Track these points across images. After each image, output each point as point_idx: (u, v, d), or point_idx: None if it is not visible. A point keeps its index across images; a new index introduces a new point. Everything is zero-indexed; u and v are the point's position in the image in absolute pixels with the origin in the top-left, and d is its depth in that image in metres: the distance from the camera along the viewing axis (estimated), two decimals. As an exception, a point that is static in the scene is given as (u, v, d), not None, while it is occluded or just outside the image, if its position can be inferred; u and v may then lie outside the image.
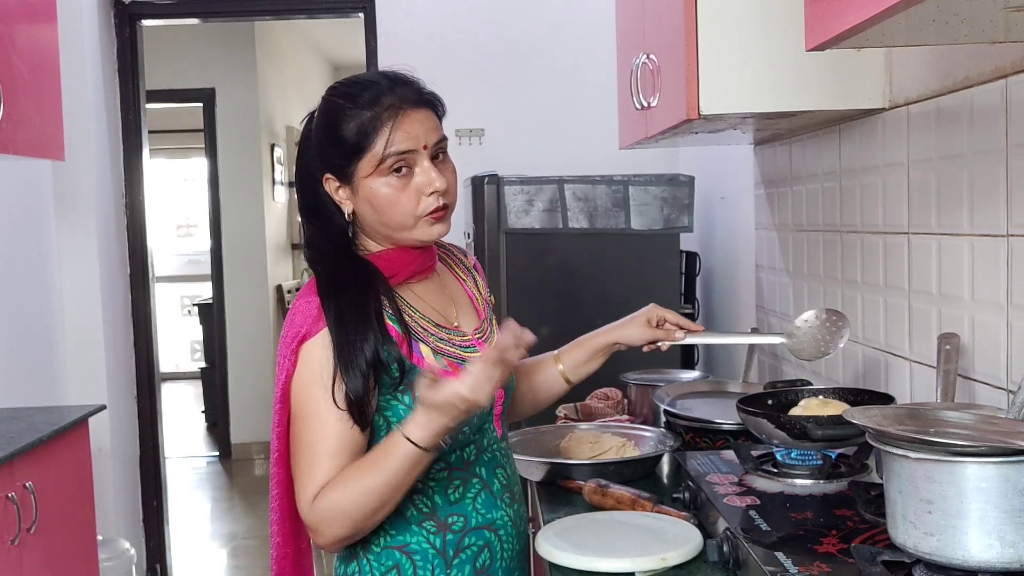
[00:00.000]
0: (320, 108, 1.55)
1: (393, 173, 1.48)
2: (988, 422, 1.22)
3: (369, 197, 1.49)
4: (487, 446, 1.58)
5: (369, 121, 1.47)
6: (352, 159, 1.48)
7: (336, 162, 1.50)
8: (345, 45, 7.45)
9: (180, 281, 9.47)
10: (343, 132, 1.48)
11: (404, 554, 1.50)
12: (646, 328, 1.74)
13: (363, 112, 1.48)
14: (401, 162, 1.48)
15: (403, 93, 1.49)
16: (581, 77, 3.95)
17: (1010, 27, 1.18)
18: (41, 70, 2.91)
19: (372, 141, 1.47)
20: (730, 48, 1.81)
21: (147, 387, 4.26)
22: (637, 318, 1.76)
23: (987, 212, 1.53)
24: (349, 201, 1.52)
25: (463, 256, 1.74)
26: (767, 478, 1.63)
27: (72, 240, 3.84)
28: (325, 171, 1.52)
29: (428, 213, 1.50)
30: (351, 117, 1.48)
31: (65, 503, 2.90)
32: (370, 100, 1.48)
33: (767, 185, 2.68)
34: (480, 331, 1.63)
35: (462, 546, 1.51)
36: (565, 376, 1.79)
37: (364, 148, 1.47)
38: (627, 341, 1.76)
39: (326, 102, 1.54)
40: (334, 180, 1.52)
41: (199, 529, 5.46)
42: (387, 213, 1.50)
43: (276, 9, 4.34)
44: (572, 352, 1.80)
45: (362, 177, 1.49)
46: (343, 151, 1.49)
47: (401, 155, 1.47)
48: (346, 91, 1.52)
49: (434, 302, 1.59)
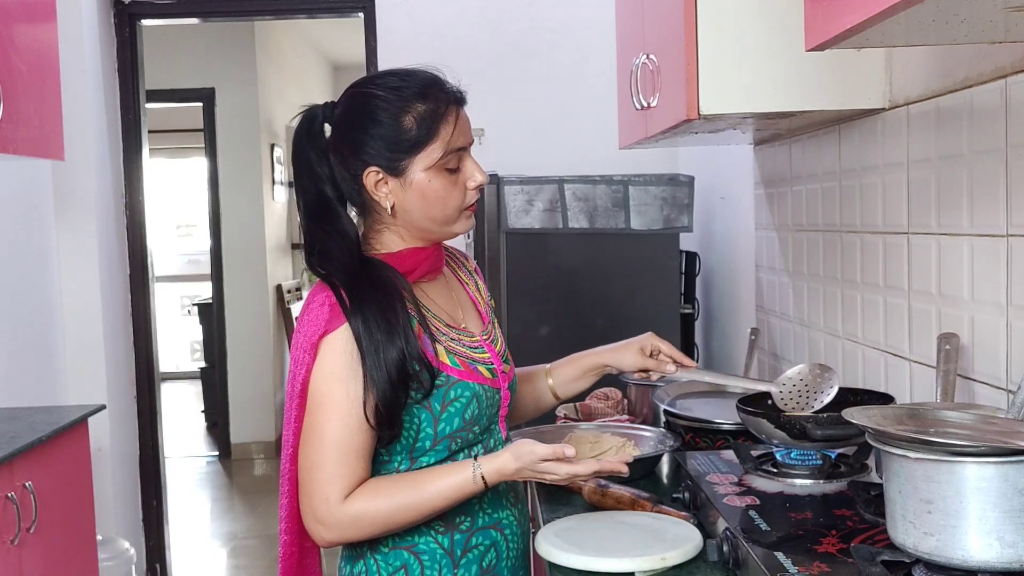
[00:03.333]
0: (353, 104, 1.52)
1: (445, 169, 1.50)
2: (988, 422, 1.22)
3: (424, 190, 1.50)
4: (494, 446, 1.58)
5: (431, 114, 1.49)
6: (412, 151, 1.48)
7: (386, 155, 1.49)
8: (345, 45, 7.45)
9: (180, 281, 9.46)
10: (400, 125, 1.48)
11: (412, 554, 1.50)
12: (639, 356, 1.73)
13: (419, 105, 1.48)
14: (456, 159, 1.51)
15: (450, 88, 1.53)
16: (581, 77, 3.95)
17: (1010, 27, 1.18)
18: (41, 70, 2.91)
19: (436, 134, 1.49)
20: (730, 48, 1.81)
21: (147, 387, 4.26)
22: (632, 344, 1.75)
23: (987, 212, 1.53)
24: (392, 196, 1.51)
25: (464, 260, 1.75)
26: (767, 478, 1.63)
27: (72, 240, 3.84)
28: (368, 165, 1.50)
29: (469, 206, 1.54)
30: (405, 110, 1.48)
31: (65, 503, 2.90)
32: (420, 92, 1.49)
33: (767, 185, 2.68)
34: (486, 333, 1.64)
35: (469, 546, 1.52)
36: (554, 391, 1.79)
37: (426, 141, 1.48)
38: (619, 366, 1.76)
39: (363, 95, 1.51)
40: (379, 173, 1.50)
41: (199, 529, 5.46)
42: (438, 206, 1.51)
43: (276, 9, 4.33)
44: (563, 368, 1.80)
45: (419, 170, 1.49)
46: (400, 143, 1.48)
47: (459, 150, 1.51)
48: (387, 83, 1.51)
49: (444, 303, 1.60)
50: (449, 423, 1.49)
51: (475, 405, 1.51)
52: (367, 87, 1.53)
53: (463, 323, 1.61)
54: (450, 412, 1.49)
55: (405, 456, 1.51)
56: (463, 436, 1.51)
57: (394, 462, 1.51)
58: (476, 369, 1.54)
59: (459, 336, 1.56)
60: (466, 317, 1.63)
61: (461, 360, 1.52)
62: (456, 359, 1.52)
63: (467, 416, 1.50)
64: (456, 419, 1.49)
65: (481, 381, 1.53)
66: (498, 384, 1.58)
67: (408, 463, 1.51)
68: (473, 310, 1.67)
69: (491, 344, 1.62)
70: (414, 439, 1.49)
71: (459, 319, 1.61)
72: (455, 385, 1.49)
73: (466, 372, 1.52)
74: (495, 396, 1.57)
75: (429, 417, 1.48)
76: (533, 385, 1.80)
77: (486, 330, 1.65)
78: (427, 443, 1.49)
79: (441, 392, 1.48)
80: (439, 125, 1.49)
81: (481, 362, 1.56)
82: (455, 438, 1.50)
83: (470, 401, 1.50)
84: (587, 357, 1.79)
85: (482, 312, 1.68)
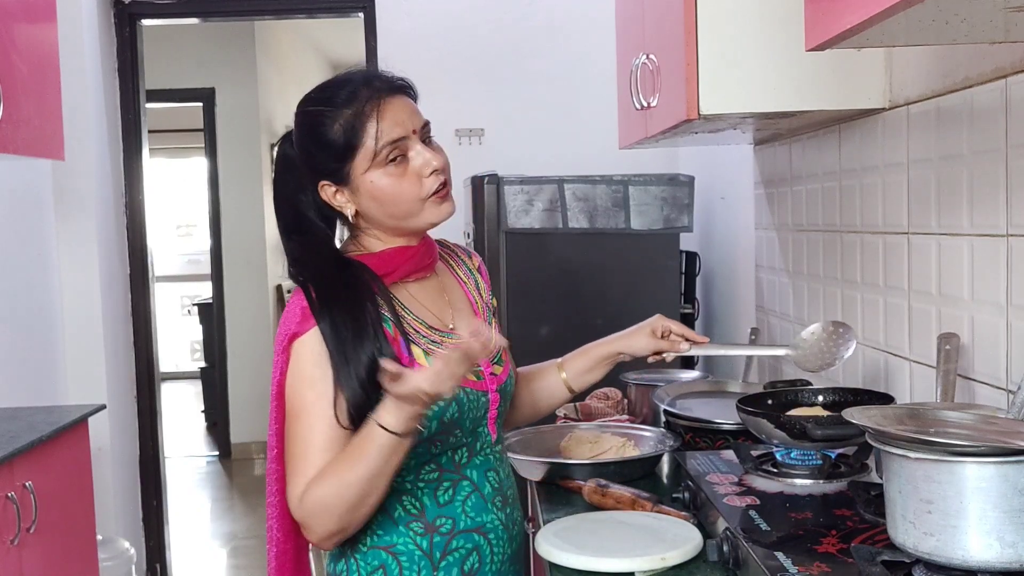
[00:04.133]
0: (297, 122, 1.55)
1: (390, 163, 1.49)
2: (988, 422, 1.22)
3: (371, 191, 1.50)
4: (480, 449, 1.57)
5: (353, 117, 1.48)
6: (346, 159, 1.49)
7: (330, 166, 1.50)
8: (345, 45, 7.43)
9: (180, 281, 9.46)
10: (330, 136, 1.48)
11: (390, 554, 1.49)
12: (651, 338, 1.72)
13: (344, 111, 1.48)
14: (395, 150, 1.49)
15: (377, 84, 1.51)
16: (581, 77, 3.94)
17: (1010, 27, 1.18)
18: (41, 70, 2.91)
19: (362, 136, 1.48)
20: (730, 48, 1.81)
21: (147, 387, 4.26)
22: (642, 328, 1.74)
23: (987, 212, 1.53)
24: (350, 203, 1.52)
25: (467, 258, 1.74)
26: (767, 478, 1.63)
27: (72, 240, 3.83)
28: (319, 179, 1.52)
29: (432, 194, 1.51)
30: (333, 119, 1.48)
31: (65, 503, 2.90)
32: (347, 98, 1.49)
33: (767, 185, 2.68)
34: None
35: (450, 548, 1.51)
36: (568, 385, 1.77)
37: (356, 145, 1.48)
38: (631, 351, 1.74)
39: (302, 114, 1.54)
40: (331, 185, 1.52)
41: (199, 529, 5.46)
42: (392, 203, 1.50)
43: (276, 9, 4.33)
44: (576, 360, 1.78)
45: (360, 174, 1.49)
46: (335, 153, 1.49)
47: (394, 143, 1.49)
48: (320, 96, 1.52)
49: (430, 303, 1.58)
50: (427, 426, 1.47)
51: (455, 408, 1.49)
52: (304, 105, 1.55)
53: (451, 324, 1.59)
54: (427, 416, 1.46)
55: None
56: (442, 439, 1.50)
57: None
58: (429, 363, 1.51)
59: (442, 338, 1.54)
60: (456, 317, 1.61)
61: None
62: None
63: (446, 419, 1.48)
64: (434, 422, 1.47)
65: (462, 384, 1.49)
66: (484, 387, 1.55)
67: None
68: (468, 310, 1.65)
69: None
70: None
71: (447, 320, 1.59)
72: None
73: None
74: (481, 398, 1.55)
75: None
76: (545, 380, 1.78)
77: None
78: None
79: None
80: (363, 124, 1.47)
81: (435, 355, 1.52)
82: (434, 441, 1.49)
83: (448, 404, 1.48)
84: (599, 347, 1.77)
85: (478, 312, 1.67)
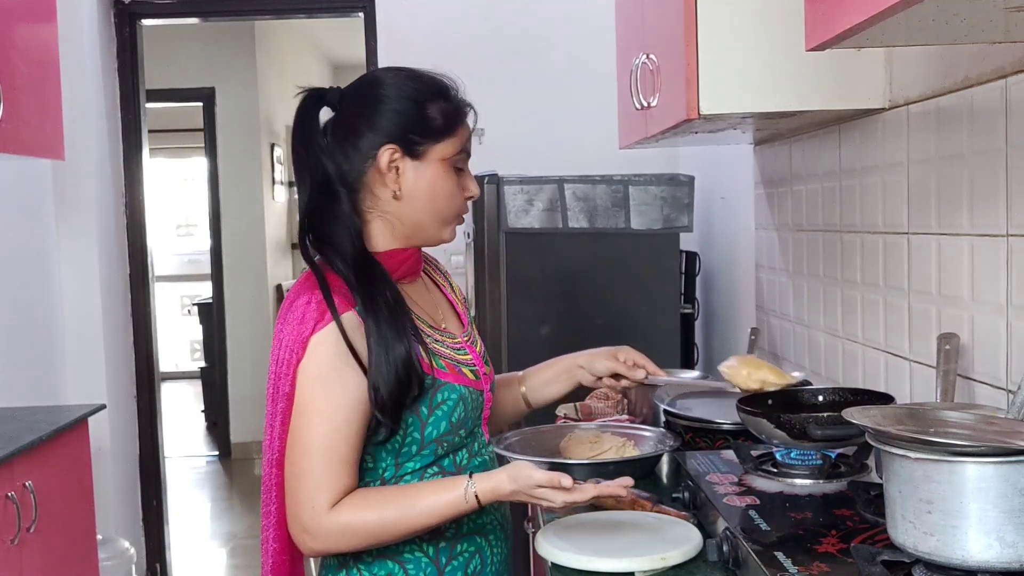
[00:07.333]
0: (368, 86, 1.54)
1: (455, 167, 1.53)
2: (988, 422, 1.22)
3: (436, 179, 1.51)
4: (478, 450, 1.57)
5: (453, 110, 1.52)
6: (434, 138, 1.50)
7: (412, 136, 1.49)
8: (345, 45, 7.44)
9: (180, 281, 9.46)
10: (430, 112, 1.50)
11: (396, 562, 1.48)
12: (613, 360, 1.73)
13: (440, 100, 1.52)
14: (464, 161, 1.55)
15: (469, 102, 1.57)
16: (581, 77, 3.94)
17: (1010, 27, 1.18)
18: (41, 70, 2.91)
19: (456, 129, 1.52)
20: (730, 48, 1.81)
21: (147, 386, 4.26)
22: (608, 350, 1.74)
23: (987, 212, 1.53)
24: (401, 179, 1.49)
25: (436, 262, 1.74)
26: (767, 478, 1.63)
27: (72, 240, 3.83)
28: (388, 141, 1.48)
29: (461, 214, 1.57)
30: (428, 99, 1.51)
31: (65, 503, 2.90)
32: (445, 93, 1.53)
33: (767, 185, 2.68)
34: (466, 334, 1.62)
35: (455, 553, 1.51)
36: (525, 398, 1.78)
37: (448, 132, 1.51)
38: (591, 367, 1.74)
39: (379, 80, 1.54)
40: (398, 152, 1.49)
41: (199, 529, 5.46)
42: (443, 199, 1.53)
43: (276, 9, 4.34)
44: (538, 372, 1.79)
45: (435, 158, 1.51)
46: (424, 128, 1.50)
47: (467, 154, 1.55)
48: (410, 75, 1.54)
49: (424, 304, 1.58)
50: (436, 427, 1.47)
51: (461, 408, 1.49)
52: (381, 74, 1.57)
53: (443, 324, 1.59)
54: (437, 416, 1.47)
55: (391, 462, 1.48)
56: (449, 440, 1.50)
57: (379, 468, 1.49)
58: (461, 371, 1.52)
59: (442, 338, 1.54)
60: (446, 318, 1.62)
61: (446, 362, 1.51)
62: (442, 361, 1.50)
63: (454, 419, 1.49)
64: (443, 422, 1.47)
65: (466, 383, 1.52)
66: (481, 386, 1.56)
67: (394, 469, 1.48)
68: (452, 311, 1.66)
69: (472, 345, 1.60)
70: (400, 444, 1.47)
71: (439, 320, 1.59)
72: (442, 388, 1.48)
73: (451, 374, 1.50)
74: (479, 398, 1.56)
75: (416, 421, 1.46)
76: (509, 391, 1.78)
77: (467, 332, 1.63)
78: (414, 448, 1.48)
79: (428, 395, 1.46)
80: (460, 122, 1.53)
81: (465, 364, 1.54)
82: (441, 442, 1.49)
83: (456, 404, 1.49)
84: (562, 359, 1.78)
85: (460, 313, 1.67)
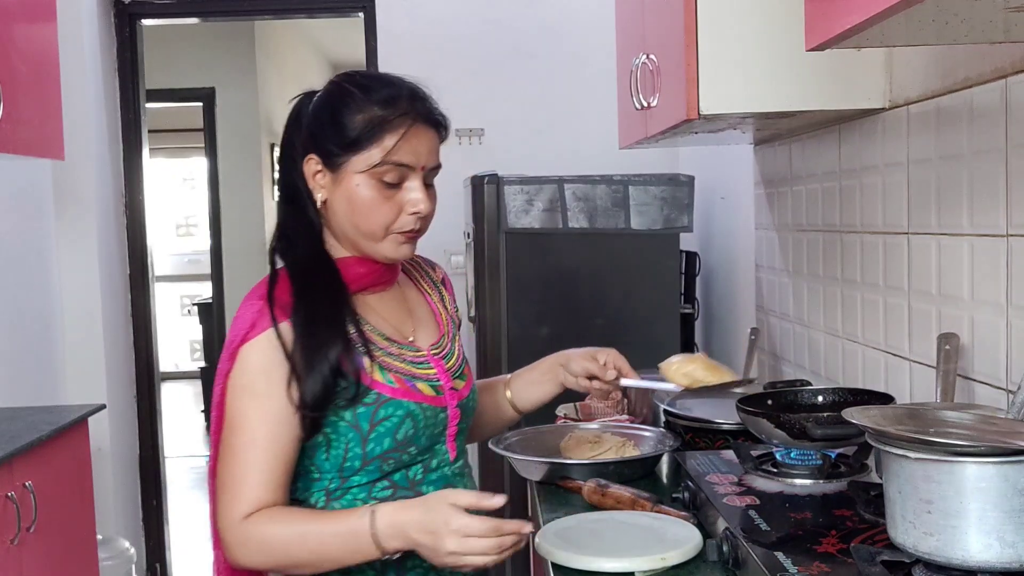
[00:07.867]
0: (327, 90, 1.49)
1: (383, 181, 1.44)
2: (988, 422, 1.22)
3: (350, 193, 1.45)
4: (436, 466, 1.53)
5: (378, 120, 1.43)
6: (348, 150, 1.44)
7: (329, 147, 1.45)
8: (345, 45, 7.44)
9: (180, 281, 9.46)
10: (347, 120, 1.44)
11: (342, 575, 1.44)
12: (589, 361, 1.69)
13: (374, 108, 1.43)
14: (395, 174, 1.44)
15: (420, 106, 1.46)
16: (581, 77, 3.95)
17: (1010, 27, 1.18)
18: (41, 70, 2.91)
19: (375, 141, 1.43)
20: (730, 48, 1.81)
21: (147, 387, 4.26)
22: (589, 351, 1.71)
23: (987, 212, 1.53)
24: (325, 190, 1.47)
25: (431, 269, 1.70)
26: (767, 478, 1.63)
27: (72, 240, 3.83)
28: (311, 151, 1.46)
29: (402, 231, 1.47)
30: (360, 109, 1.43)
31: (65, 503, 2.90)
32: (386, 99, 1.44)
33: (767, 185, 2.68)
34: (437, 347, 1.57)
35: (405, 568, 1.47)
36: (512, 403, 1.75)
37: (365, 144, 1.43)
38: (568, 364, 1.70)
39: (337, 86, 1.49)
40: (317, 163, 1.46)
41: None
42: (362, 216, 1.45)
43: (276, 9, 4.33)
44: (524, 374, 1.76)
45: (350, 171, 1.44)
46: (341, 138, 1.44)
47: (399, 166, 1.44)
48: (362, 82, 1.47)
49: (389, 315, 1.54)
50: (379, 443, 1.44)
51: (409, 424, 1.45)
52: (342, 78, 1.51)
53: (411, 336, 1.54)
54: (379, 432, 1.43)
55: (335, 475, 1.46)
56: (395, 457, 1.46)
57: (324, 480, 1.46)
58: (414, 387, 1.47)
59: (401, 351, 1.50)
60: (417, 330, 1.56)
61: (396, 377, 1.46)
62: (391, 376, 1.46)
63: (399, 436, 1.45)
64: (387, 439, 1.44)
65: (419, 399, 1.47)
66: (443, 402, 1.51)
67: (339, 481, 1.46)
68: (431, 321, 1.61)
69: (440, 359, 1.55)
70: (343, 458, 1.44)
71: (407, 332, 1.54)
72: (385, 404, 1.44)
73: (401, 390, 1.46)
74: (439, 415, 1.51)
75: (357, 436, 1.43)
76: (492, 397, 1.76)
77: (438, 344, 1.57)
78: (356, 463, 1.45)
79: (369, 411, 1.43)
80: (384, 132, 1.42)
81: (423, 379, 1.49)
82: (386, 459, 1.45)
83: (402, 420, 1.45)
84: (547, 359, 1.75)
85: (441, 324, 1.62)
